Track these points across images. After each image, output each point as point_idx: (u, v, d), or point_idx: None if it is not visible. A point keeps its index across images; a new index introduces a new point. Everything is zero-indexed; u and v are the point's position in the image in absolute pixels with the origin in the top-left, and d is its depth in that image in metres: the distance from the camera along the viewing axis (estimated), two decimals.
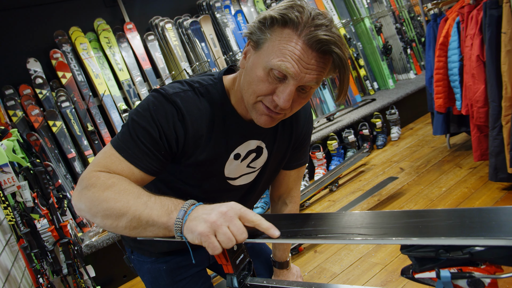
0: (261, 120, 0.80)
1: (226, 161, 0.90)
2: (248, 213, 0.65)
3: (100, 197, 0.71)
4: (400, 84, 4.29)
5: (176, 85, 0.85)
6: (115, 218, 0.70)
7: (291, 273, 1.17)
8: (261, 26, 0.75)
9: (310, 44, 0.71)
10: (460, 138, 3.13)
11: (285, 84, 0.74)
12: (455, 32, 2.39)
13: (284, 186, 1.11)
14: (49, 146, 2.66)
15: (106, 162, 0.78)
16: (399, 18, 4.60)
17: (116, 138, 0.81)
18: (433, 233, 0.45)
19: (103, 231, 2.44)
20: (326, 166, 3.27)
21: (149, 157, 0.79)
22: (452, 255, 0.44)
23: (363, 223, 0.53)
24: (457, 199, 2.26)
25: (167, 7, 3.45)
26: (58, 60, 2.80)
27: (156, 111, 0.80)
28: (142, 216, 0.68)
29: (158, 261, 1.06)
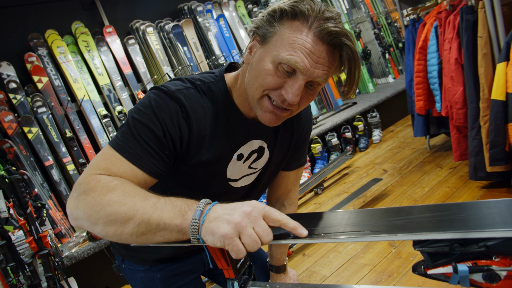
0: (266, 118, 0.78)
1: (229, 162, 0.87)
2: (273, 212, 0.60)
3: (102, 201, 0.64)
4: (379, 88, 4.38)
5: (177, 82, 0.81)
6: (120, 223, 0.62)
7: (288, 277, 1.15)
8: (270, 18, 0.73)
9: (321, 37, 0.69)
10: (439, 140, 3.22)
11: (294, 78, 0.72)
12: (433, 36, 2.46)
13: (283, 187, 1.09)
14: (24, 154, 2.55)
15: (106, 164, 0.71)
16: (377, 24, 4.71)
17: (115, 138, 0.75)
18: (448, 227, 0.44)
19: (83, 241, 2.35)
20: (310, 169, 3.28)
21: (153, 158, 0.74)
22: (467, 249, 0.44)
23: (374, 219, 0.52)
24: (439, 198, 2.31)
25: (147, 11, 3.40)
26: (33, 64, 2.69)
27: (159, 108, 0.75)
28: (152, 219, 0.61)
29: (152, 269, 1.02)
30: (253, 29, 0.76)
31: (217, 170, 0.86)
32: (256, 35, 0.76)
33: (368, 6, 4.67)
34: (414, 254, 1.84)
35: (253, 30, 0.76)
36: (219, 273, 1.13)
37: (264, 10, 0.75)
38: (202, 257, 1.07)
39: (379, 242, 2.00)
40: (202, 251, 1.06)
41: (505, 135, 1.96)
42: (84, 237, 2.39)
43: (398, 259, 1.84)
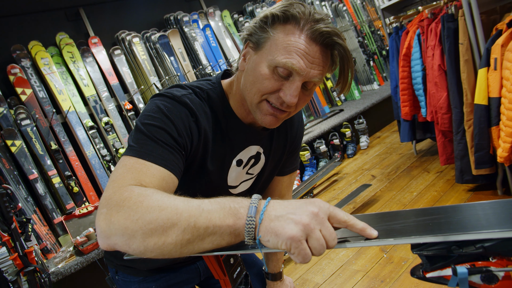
0: (266, 120, 0.78)
1: (230, 168, 0.87)
2: (339, 212, 0.55)
3: (139, 209, 0.56)
4: (365, 94, 4.45)
5: (179, 89, 0.80)
6: (161, 232, 0.54)
7: (285, 285, 1.14)
8: (263, 24, 0.74)
9: (314, 38, 0.71)
10: (425, 144, 3.27)
11: (291, 80, 0.73)
12: (416, 43, 2.52)
13: (277, 193, 1.09)
14: (7, 168, 2.48)
15: (133, 174, 0.64)
16: (361, 32, 4.80)
17: (130, 148, 0.69)
18: (445, 229, 0.45)
19: (70, 256, 2.29)
20: (300, 177, 3.29)
21: (175, 157, 0.70)
22: (465, 250, 0.44)
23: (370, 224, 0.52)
24: (428, 202, 2.34)
25: (133, 22, 3.39)
26: (16, 75, 2.64)
27: (169, 111, 0.73)
28: (199, 223, 0.54)
29: (147, 280, 1.00)
30: (246, 36, 0.78)
31: (218, 177, 0.86)
32: (249, 42, 0.78)
33: (351, 15, 4.76)
34: (405, 259, 1.85)
35: (246, 37, 0.78)
36: (215, 283, 1.12)
37: (256, 17, 0.77)
38: (198, 266, 1.05)
39: (371, 248, 2.01)
40: (197, 261, 1.05)
41: (489, 138, 2.01)
42: (71, 251, 2.33)
43: (390, 264, 1.85)
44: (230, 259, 0.68)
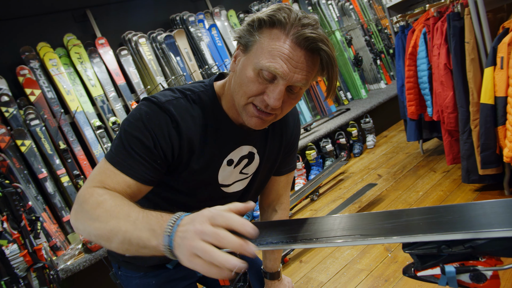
0: (251, 122, 0.80)
1: (220, 168, 0.89)
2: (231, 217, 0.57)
3: (92, 216, 0.67)
4: (372, 93, 4.43)
5: (167, 93, 0.83)
6: (106, 239, 0.65)
7: (283, 284, 1.15)
8: (250, 28, 0.76)
9: (298, 42, 0.72)
10: (432, 144, 3.25)
11: (275, 84, 0.75)
12: (422, 42, 2.50)
13: (274, 193, 1.11)
14: (17, 167, 2.53)
15: (101, 177, 0.75)
16: (368, 30, 4.78)
17: (109, 151, 0.79)
18: (435, 229, 0.45)
19: (79, 254, 2.33)
20: (306, 176, 3.30)
21: (145, 167, 0.77)
22: (454, 250, 0.45)
23: (363, 224, 0.53)
24: (434, 202, 2.33)
25: (140, 22, 3.42)
26: (25, 76, 2.69)
27: (149, 120, 0.78)
28: (133, 239, 0.61)
29: (148, 275, 1.03)
30: (236, 38, 0.80)
31: (208, 177, 0.88)
32: (239, 44, 0.79)
33: (358, 14, 4.74)
34: (410, 258, 1.84)
35: (236, 40, 0.80)
36: (215, 279, 1.13)
37: (244, 21, 0.78)
38: None
39: (375, 247, 2.01)
40: None
41: (495, 138, 1.99)
42: (79, 249, 2.37)
43: (395, 263, 1.85)
44: None
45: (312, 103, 4.12)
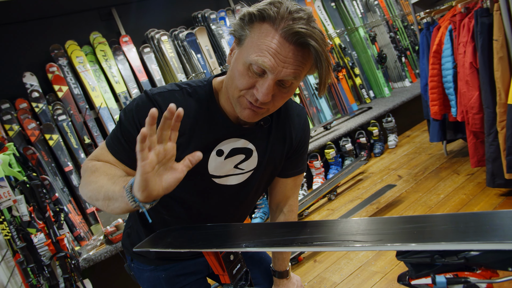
0: (244, 114, 0.83)
1: (209, 157, 0.91)
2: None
3: (87, 181, 0.82)
4: (395, 92, 4.33)
5: (164, 86, 0.90)
6: (95, 198, 0.77)
7: (291, 283, 1.15)
8: (241, 22, 0.78)
9: (287, 37, 0.73)
10: (457, 145, 3.14)
11: (264, 78, 0.76)
12: (448, 40, 2.42)
13: (281, 194, 1.11)
14: (46, 160, 2.65)
15: (98, 154, 0.90)
16: (393, 27, 4.65)
17: (109, 135, 0.92)
18: (428, 238, 0.45)
19: (100, 244, 2.42)
20: (324, 175, 3.27)
21: (131, 154, 0.85)
22: (447, 260, 0.44)
23: (359, 229, 0.53)
24: (455, 205, 2.26)
25: (162, 20, 3.49)
26: (54, 73, 2.81)
27: (138, 111, 0.86)
28: (109, 192, 0.73)
29: (158, 269, 1.06)
30: (232, 32, 0.82)
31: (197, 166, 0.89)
32: (235, 38, 0.81)
33: (383, 9, 4.63)
34: None
35: (232, 33, 0.82)
36: None
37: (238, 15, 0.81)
38: (205, 260, 1.09)
39: (391, 250, 1.98)
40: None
41: None
42: (101, 240, 2.46)
43: None
44: (230, 256, 0.71)
45: (333, 101, 4.07)
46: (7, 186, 1.57)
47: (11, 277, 1.74)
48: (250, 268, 1.15)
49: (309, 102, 3.89)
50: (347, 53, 4.19)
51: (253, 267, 1.15)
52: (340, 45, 4.15)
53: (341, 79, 4.07)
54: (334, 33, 4.17)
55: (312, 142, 3.37)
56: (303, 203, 2.78)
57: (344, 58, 4.18)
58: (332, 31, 4.18)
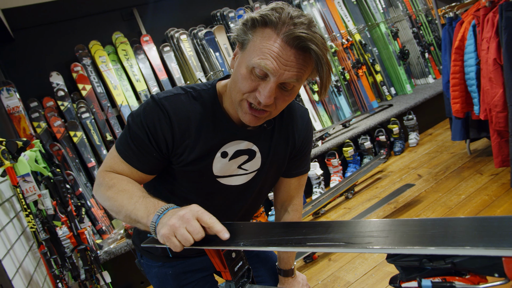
0: (246, 118, 0.85)
1: (214, 159, 0.93)
2: (204, 215, 0.71)
3: (104, 196, 0.86)
4: (418, 89, 4.22)
5: (170, 90, 0.92)
6: (116, 213, 0.84)
7: (296, 281, 1.16)
8: (244, 27, 0.80)
9: (288, 41, 0.75)
10: (481, 144, 3.04)
11: (266, 81, 0.78)
12: (471, 35, 2.34)
13: (286, 193, 1.12)
14: (70, 156, 2.77)
15: (111, 163, 0.91)
16: (416, 22, 4.53)
17: (118, 140, 0.92)
18: (414, 242, 0.45)
19: (121, 238, 2.51)
20: (342, 173, 3.24)
21: (142, 159, 0.89)
22: (435, 264, 0.44)
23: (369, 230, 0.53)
24: (477, 207, 2.19)
25: (182, 19, 3.55)
26: (78, 73, 2.92)
27: (146, 117, 0.87)
28: (132, 215, 0.79)
29: (165, 265, 1.09)
30: (234, 37, 0.84)
31: (203, 167, 0.93)
32: (238, 42, 0.83)
33: (406, 4, 4.51)
34: None
35: (235, 38, 0.84)
36: None
37: (240, 20, 0.82)
38: None
39: None
40: None
41: None
42: (121, 234, 2.55)
43: None
44: (232, 253, 0.73)
45: (352, 99, 4.01)
46: (33, 181, 1.66)
47: (38, 267, 1.84)
48: (257, 266, 1.17)
49: (328, 100, 3.86)
50: (367, 50, 4.12)
51: (259, 265, 1.17)
52: (361, 42, 4.09)
53: (361, 76, 4.01)
54: (355, 29, 4.11)
55: (330, 140, 3.34)
56: (320, 201, 2.77)
57: (364, 55, 4.11)
58: (353, 27, 4.12)
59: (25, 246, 1.79)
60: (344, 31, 4.04)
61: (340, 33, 4.02)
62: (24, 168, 1.67)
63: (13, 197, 1.82)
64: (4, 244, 1.54)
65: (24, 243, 1.79)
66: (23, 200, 1.63)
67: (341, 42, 3.99)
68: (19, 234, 1.76)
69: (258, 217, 2.76)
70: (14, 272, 1.51)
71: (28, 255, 1.77)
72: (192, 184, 0.96)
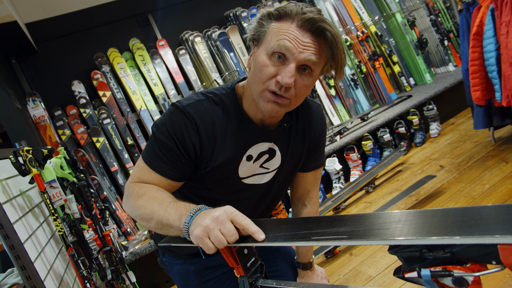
0: (268, 107, 0.86)
1: (240, 163, 0.95)
2: (239, 217, 0.71)
3: (134, 205, 0.87)
4: (438, 77, 4.11)
5: (191, 97, 0.94)
6: (147, 221, 0.85)
7: (316, 274, 1.18)
8: (261, 21, 0.85)
9: (302, 25, 0.80)
10: (506, 131, 2.93)
11: (286, 64, 0.82)
12: (490, 20, 2.26)
13: (302, 188, 1.15)
14: (94, 161, 2.87)
15: (140, 174, 0.92)
16: (434, 9, 4.41)
17: (144, 151, 0.94)
18: (414, 233, 0.45)
19: (145, 239, 2.59)
20: (362, 167, 3.21)
21: (172, 167, 0.90)
22: (434, 254, 0.45)
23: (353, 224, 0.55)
24: (502, 196, 2.12)
25: (196, 21, 3.60)
26: (98, 80, 3.02)
27: (172, 125, 0.89)
28: (163, 220, 0.81)
29: (187, 262, 1.13)
30: (250, 37, 0.88)
31: (230, 171, 0.96)
32: (254, 41, 0.88)
33: None
34: None
35: (251, 38, 0.88)
36: None
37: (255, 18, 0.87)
38: None
39: None
40: None
41: None
42: (146, 235, 2.63)
43: None
44: (244, 250, 0.75)
45: (370, 91, 3.96)
46: (59, 187, 1.74)
47: (67, 268, 1.93)
48: (277, 260, 1.19)
49: (345, 94, 3.82)
50: (384, 41, 4.04)
51: (280, 260, 1.20)
52: (376, 33, 4.02)
53: (378, 68, 3.94)
54: (370, 21, 4.04)
55: (348, 134, 3.31)
56: (340, 196, 2.76)
57: (381, 46, 4.04)
58: (368, 19, 4.05)
59: (55, 249, 1.88)
60: (358, 23, 3.99)
61: (354, 25, 3.97)
62: (50, 174, 1.76)
63: (41, 203, 1.92)
64: (35, 247, 1.62)
65: (53, 246, 1.88)
66: (51, 205, 1.71)
67: (356, 34, 3.93)
68: (49, 237, 1.85)
69: (279, 214, 2.77)
70: (45, 273, 1.59)
71: (58, 257, 1.86)
72: (217, 186, 0.99)
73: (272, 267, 1.17)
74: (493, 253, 0.40)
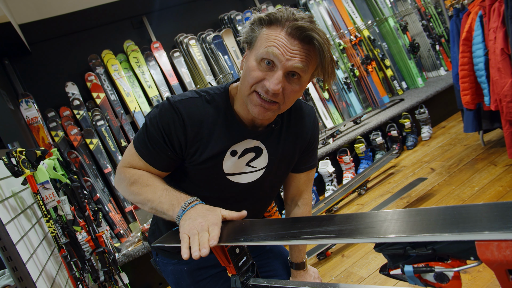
0: (255, 110, 0.88)
1: (224, 158, 0.98)
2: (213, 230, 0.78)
3: (128, 190, 0.96)
4: (430, 82, 4.17)
5: (185, 93, 0.97)
6: (141, 205, 0.95)
7: (308, 274, 1.20)
8: (252, 26, 0.87)
9: (291, 33, 0.82)
10: (495, 135, 2.99)
11: (274, 70, 0.84)
12: (478, 26, 2.31)
13: (295, 188, 1.17)
14: (87, 163, 2.87)
15: (130, 160, 0.99)
16: (425, 14, 4.47)
17: (136, 137, 0.99)
18: (398, 231, 0.47)
19: (138, 241, 2.58)
20: (354, 169, 3.24)
21: (158, 157, 0.96)
22: (417, 251, 0.47)
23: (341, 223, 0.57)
24: (490, 198, 2.16)
25: (191, 24, 3.61)
26: (92, 82, 3.02)
27: (161, 118, 0.93)
28: (157, 208, 0.90)
29: (180, 262, 1.14)
30: (243, 40, 0.90)
31: (213, 165, 0.98)
32: (247, 44, 0.90)
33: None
34: None
35: (244, 41, 0.90)
36: None
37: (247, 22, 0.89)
38: None
39: None
40: None
41: None
42: (139, 237, 2.63)
43: None
44: (236, 249, 0.77)
45: (363, 95, 4.00)
46: (52, 188, 1.73)
47: (59, 270, 1.92)
48: (270, 260, 1.21)
49: (338, 97, 3.86)
50: (376, 45, 4.10)
51: (273, 260, 1.21)
52: (369, 37, 4.07)
53: (371, 72, 3.99)
54: (363, 25, 4.09)
55: (341, 137, 3.35)
56: (333, 198, 2.78)
57: (373, 50, 4.09)
58: (361, 23, 4.10)
59: (47, 250, 1.87)
60: (352, 27, 4.03)
61: (348, 30, 4.01)
62: (43, 176, 1.76)
63: (34, 204, 1.91)
64: (27, 248, 1.62)
65: (46, 247, 1.87)
66: (44, 207, 1.71)
67: (350, 38, 3.98)
68: (41, 239, 1.84)
69: (272, 215, 2.79)
70: (37, 275, 1.59)
71: (50, 259, 1.86)
72: (204, 181, 1.01)
73: (266, 267, 1.18)
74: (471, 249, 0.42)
